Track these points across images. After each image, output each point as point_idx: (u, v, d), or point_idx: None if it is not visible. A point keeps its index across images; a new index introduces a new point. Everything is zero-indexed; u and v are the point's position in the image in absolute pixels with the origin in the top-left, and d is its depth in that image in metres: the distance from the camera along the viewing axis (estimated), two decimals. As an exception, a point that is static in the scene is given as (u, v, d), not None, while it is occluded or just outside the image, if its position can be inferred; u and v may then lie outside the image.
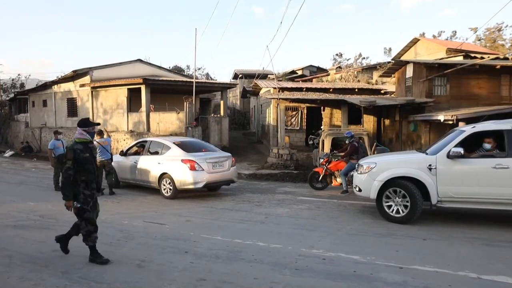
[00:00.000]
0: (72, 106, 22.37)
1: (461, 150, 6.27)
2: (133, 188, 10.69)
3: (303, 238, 5.80)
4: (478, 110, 13.12)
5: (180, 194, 9.46)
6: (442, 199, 6.48)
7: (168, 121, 18.53)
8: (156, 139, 10.66)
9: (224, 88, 22.30)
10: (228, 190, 10.49)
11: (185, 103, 18.09)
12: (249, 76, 32.98)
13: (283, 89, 19.55)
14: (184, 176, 9.01)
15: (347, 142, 10.17)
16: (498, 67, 15.57)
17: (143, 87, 18.54)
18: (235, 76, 38.38)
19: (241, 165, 15.41)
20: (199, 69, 43.82)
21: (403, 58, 25.89)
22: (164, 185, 9.40)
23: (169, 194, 9.31)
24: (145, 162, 10.04)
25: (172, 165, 9.25)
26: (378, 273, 4.40)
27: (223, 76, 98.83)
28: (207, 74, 45.79)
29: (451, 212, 7.29)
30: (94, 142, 10.11)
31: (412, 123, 15.61)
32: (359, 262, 4.77)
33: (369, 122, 19.18)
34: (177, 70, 35.86)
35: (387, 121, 19.13)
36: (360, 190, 7.14)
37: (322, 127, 17.95)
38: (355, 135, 10.68)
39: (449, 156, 6.36)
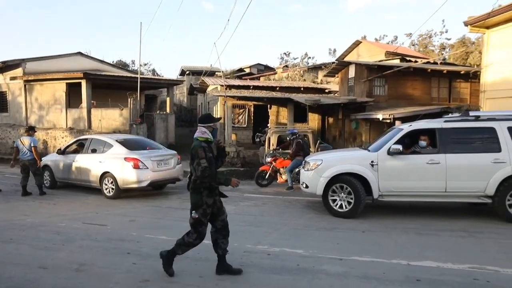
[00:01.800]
0: (1, 100, 20.56)
1: (400, 147, 6.69)
2: (73, 189, 10.12)
3: (249, 235, 5.87)
4: (412, 110, 14.13)
5: (124, 193, 9.12)
6: (383, 194, 6.86)
7: (111, 118, 17.74)
8: (98, 137, 10.17)
9: (170, 84, 21.81)
10: (174, 188, 10.31)
11: (129, 99, 17.44)
12: (197, 73, 32.55)
13: (230, 87, 19.56)
14: (127, 175, 8.70)
15: (288, 139, 10.44)
16: (429, 70, 16.86)
17: (83, 82, 17.57)
18: (182, 73, 37.68)
19: (188, 162, 15.18)
20: (145, 64, 42.43)
21: (347, 59, 27.01)
22: (106, 184, 9.01)
23: (111, 194, 8.93)
24: (85, 160, 9.55)
25: (114, 163, 8.89)
26: (320, 265, 4.58)
27: (170, 72, 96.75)
28: (153, 70, 44.50)
29: (390, 205, 7.75)
30: (20, 140, 9.45)
31: (354, 121, 16.39)
32: (303, 255, 4.93)
33: (314, 120, 19.80)
34: (121, 65, 34.39)
35: (331, 119, 19.91)
36: (307, 186, 7.33)
37: (268, 124, 18.22)
38: (300, 133, 10.99)
39: (389, 152, 6.75)
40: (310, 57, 45.00)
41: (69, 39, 78.91)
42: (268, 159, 10.68)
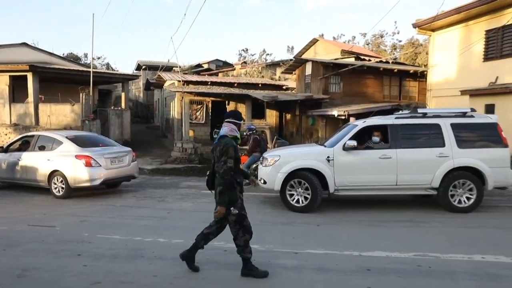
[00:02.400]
0: None
1: (354, 142, 6.91)
2: (18, 189, 9.53)
3: (206, 231, 5.82)
4: (366, 107, 14.68)
5: (75, 193, 8.72)
6: (339, 188, 7.06)
7: (61, 113, 16.87)
8: (46, 133, 9.63)
9: (125, 79, 21.09)
10: (129, 186, 10.00)
11: (81, 94, 16.67)
12: (153, 68, 31.72)
13: (188, 82, 19.27)
14: (78, 173, 8.32)
15: (245, 134, 10.49)
16: (381, 69, 17.59)
17: (30, 75, 16.54)
18: (138, 67, 36.57)
19: (144, 160, 14.81)
20: (98, 58, 40.72)
21: (304, 56, 27.51)
22: (55, 183, 8.56)
23: (61, 193, 8.51)
24: (31, 159, 9.01)
25: (64, 161, 8.47)
26: (277, 259, 4.65)
27: (125, 67, 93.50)
28: (108, 64, 42.82)
29: (344, 199, 8.00)
30: None
31: (311, 118, 16.77)
32: (259, 250, 4.97)
33: (272, 116, 20.01)
34: (73, 58, 32.76)
35: (288, 116, 20.22)
36: (265, 182, 7.37)
37: (227, 121, 18.15)
38: (258, 129, 11.08)
39: (344, 148, 6.96)
40: (268, 54, 45.33)
41: (15, 30, 73.78)
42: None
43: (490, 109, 11.99)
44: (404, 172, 6.92)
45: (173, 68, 26.83)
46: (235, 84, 20.54)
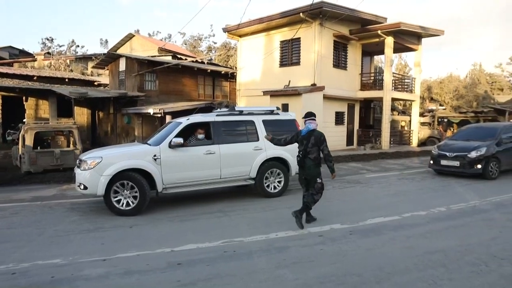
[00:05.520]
0: None
1: (181, 140, 6.95)
2: None
3: (-11, 254, 4.83)
4: (181, 105, 15.03)
5: None
6: (167, 186, 6.99)
7: None
8: None
9: None
10: None
11: None
12: None
13: (-34, 73, 15.54)
14: None
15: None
16: (196, 69, 18.30)
17: None
18: None
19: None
20: None
21: (120, 51, 26.09)
22: None
23: None
24: None
25: None
26: (80, 271, 4.24)
27: None
28: None
29: (155, 198, 7.95)
30: None
31: (126, 116, 16.05)
32: (60, 265, 4.44)
33: (82, 115, 18.25)
34: None
35: (102, 114, 18.81)
36: (85, 188, 6.56)
37: (25, 120, 15.55)
38: (64, 129, 9.88)
39: (170, 146, 6.92)
40: (79, 46, 41.09)
41: None
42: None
43: (285, 107, 14.11)
44: (227, 166, 7.46)
45: None
46: (35, 77, 17.77)
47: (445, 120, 29.78)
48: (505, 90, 41.11)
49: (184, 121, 7.47)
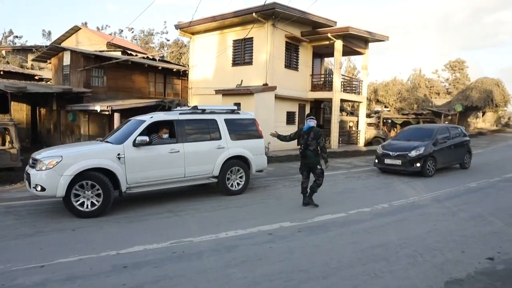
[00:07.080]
0: None
1: (146, 138, 6.77)
2: None
3: None
4: (131, 103, 14.51)
5: None
6: (131, 186, 6.76)
7: None
8: None
9: None
10: None
11: None
12: None
13: None
14: None
15: None
16: (146, 66, 17.77)
17: None
18: None
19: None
20: None
21: (64, 44, 24.64)
22: None
23: None
24: None
25: None
26: (14, 280, 3.95)
27: None
28: None
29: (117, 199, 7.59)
30: None
31: (71, 113, 15.23)
32: (-9, 274, 4.11)
33: (21, 111, 17.03)
34: None
35: (43, 111, 17.69)
36: (43, 189, 6.10)
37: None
38: (0, 125, 9.15)
39: (135, 144, 6.70)
40: (17, 37, 38.31)
41: None
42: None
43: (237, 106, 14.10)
44: (191, 164, 7.39)
45: None
46: (-36, 70, 16.29)
47: (390, 121, 31.52)
48: (441, 94, 44.41)
49: (148, 119, 7.28)
